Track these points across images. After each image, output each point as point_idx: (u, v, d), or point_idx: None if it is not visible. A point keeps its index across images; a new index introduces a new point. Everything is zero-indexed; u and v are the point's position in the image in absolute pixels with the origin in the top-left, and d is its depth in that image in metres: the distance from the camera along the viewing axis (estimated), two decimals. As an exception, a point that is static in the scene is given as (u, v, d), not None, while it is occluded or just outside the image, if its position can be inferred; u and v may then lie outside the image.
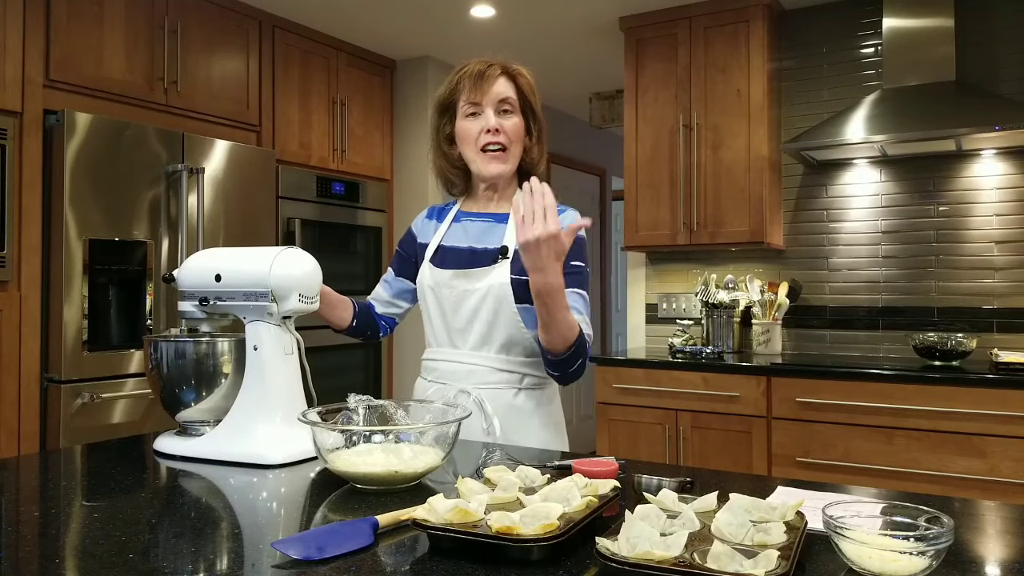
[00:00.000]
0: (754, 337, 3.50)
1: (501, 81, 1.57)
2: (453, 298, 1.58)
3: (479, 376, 1.57)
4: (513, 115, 1.58)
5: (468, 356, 1.58)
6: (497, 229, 1.62)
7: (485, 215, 1.65)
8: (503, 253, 1.56)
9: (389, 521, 0.94)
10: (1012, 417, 2.58)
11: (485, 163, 1.58)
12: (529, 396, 1.58)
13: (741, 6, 3.36)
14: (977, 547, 0.90)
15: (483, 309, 1.55)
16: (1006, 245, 3.16)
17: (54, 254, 2.74)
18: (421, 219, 1.77)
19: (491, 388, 1.57)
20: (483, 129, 1.56)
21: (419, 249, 1.72)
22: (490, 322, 1.55)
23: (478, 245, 1.61)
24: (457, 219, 1.69)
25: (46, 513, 1.02)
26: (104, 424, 2.81)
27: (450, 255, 1.63)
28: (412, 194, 4.31)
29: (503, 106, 1.57)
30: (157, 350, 1.41)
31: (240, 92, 3.46)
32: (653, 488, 1.06)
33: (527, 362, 1.58)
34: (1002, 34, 3.19)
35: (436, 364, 1.63)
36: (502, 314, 1.54)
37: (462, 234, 1.65)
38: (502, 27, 3.85)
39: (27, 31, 2.71)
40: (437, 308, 1.62)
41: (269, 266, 1.35)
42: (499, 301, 1.53)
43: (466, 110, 1.58)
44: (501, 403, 1.56)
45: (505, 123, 1.57)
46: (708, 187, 3.43)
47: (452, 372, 1.60)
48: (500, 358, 1.56)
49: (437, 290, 1.60)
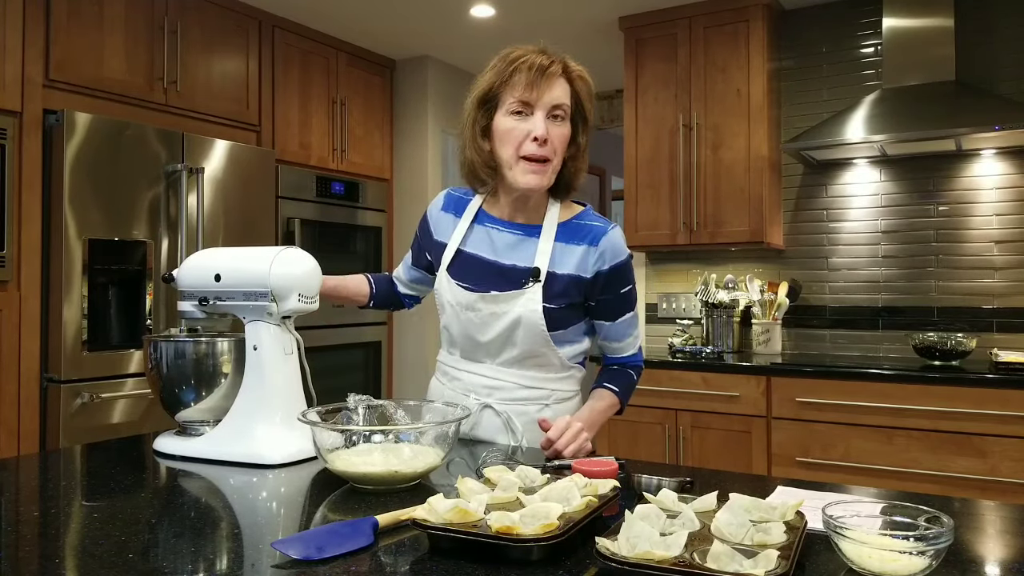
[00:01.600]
0: (754, 337, 3.50)
1: (559, 83, 1.39)
2: (478, 320, 1.46)
3: (505, 392, 1.48)
4: (564, 123, 1.40)
5: (494, 371, 1.49)
6: (527, 244, 1.46)
7: (513, 226, 1.48)
8: (535, 276, 1.41)
9: (389, 521, 0.94)
10: (1012, 417, 2.58)
11: (523, 174, 1.39)
12: (556, 411, 1.50)
13: (741, 6, 3.36)
14: (977, 547, 0.90)
15: (513, 335, 1.44)
16: (1006, 245, 3.16)
17: (54, 254, 2.74)
18: (437, 210, 1.59)
19: (518, 404, 1.48)
20: (530, 135, 1.37)
21: (435, 247, 1.57)
22: (519, 346, 1.45)
23: (506, 261, 1.46)
24: (480, 221, 1.52)
25: (46, 513, 1.02)
26: (104, 424, 2.81)
27: (473, 268, 1.48)
28: (412, 194, 4.31)
29: (556, 111, 1.38)
30: (157, 350, 1.41)
31: (240, 92, 3.46)
32: (653, 488, 1.06)
33: (555, 378, 1.50)
34: (1002, 34, 3.18)
35: (459, 373, 1.53)
36: (533, 340, 1.43)
37: (486, 243, 1.49)
38: (502, 27, 3.85)
39: (27, 31, 2.71)
40: (458, 325, 1.50)
41: (269, 266, 1.35)
42: (529, 328, 1.42)
43: (513, 107, 1.38)
44: (528, 419, 1.48)
45: (554, 132, 1.38)
46: (708, 187, 3.43)
47: (474, 385, 1.51)
48: (527, 375, 1.48)
49: (459, 310, 1.48)
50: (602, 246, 1.43)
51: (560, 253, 1.44)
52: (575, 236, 1.45)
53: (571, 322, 1.46)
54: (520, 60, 1.38)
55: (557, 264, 1.43)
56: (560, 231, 1.45)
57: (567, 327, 1.45)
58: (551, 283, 1.42)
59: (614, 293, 1.47)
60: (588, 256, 1.43)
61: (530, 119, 1.38)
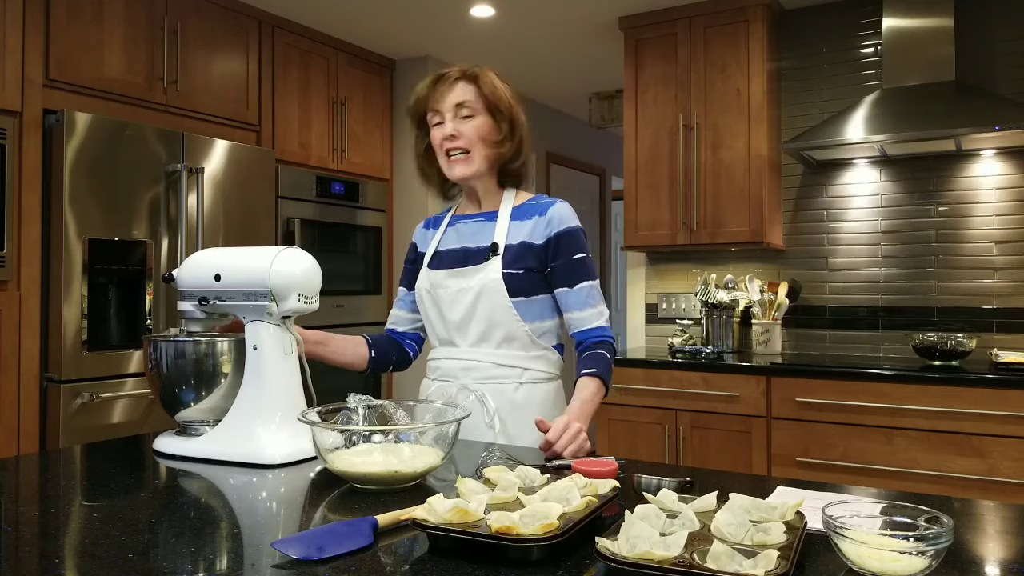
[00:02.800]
0: (754, 337, 3.50)
1: (458, 87, 1.59)
2: (448, 297, 1.61)
3: (479, 372, 1.59)
4: (473, 118, 1.60)
5: (468, 352, 1.60)
6: (487, 227, 1.65)
7: (476, 215, 1.69)
8: (494, 250, 1.59)
9: (389, 521, 0.94)
10: (1012, 417, 2.58)
11: (449, 167, 1.62)
12: (531, 391, 1.59)
13: (741, 6, 3.36)
14: (977, 547, 0.90)
15: (479, 305, 1.57)
16: (1006, 245, 3.16)
17: (54, 254, 2.74)
18: (419, 231, 1.81)
19: (492, 383, 1.58)
20: (444, 136, 1.60)
21: (420, 258, 1.75)
22: (487, 317, 1.57)
23: (471, 244, 1.64)
24: (451, 224, 1.73)
25: (46, 513, 1.02)
26: (104, 424, 2.81)
27: (445, 257, 1.67)
28: (412, 194, 4.31)
29: (461, 111, 1.59)
30: (157, 350, 1.41)
31: (240, 92, 3.46)
32: (653, 488, 1.06)
33: (527, 356, 1.59)
34: (1002, 34, 3.19)
35: (438, 363, 1.66)
36: (498, 309, 1.57)
37: (455, 236, 1.69)
38: (502, 27, 3.85)
39: (27, 31, 2.71)
40: (435, 308, 1.65)
41: (268, 266, 1.35)
42: (493, 296, 1.56)
43: (431, 119, 1.63)
44: (503, 398, 1.57)
45: (463, 127, 1.59)
46: (708, 187, 3.43)
47: (453, 369, 1.62)
48: (499, 353, 1.58)
49: (433, 291, 1.64)
50: (549, 215, 1.61)
51: (514, 229, 1.62)
52: (527, 213, 1.64)
53: (531, 290, 1.58)
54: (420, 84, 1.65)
55: (511, 237, 1.61)
56: (514, 212, 1.65)
57: (528, 295, 1.58)
58: (507, 253, 1.59)
59: (567, 258, 1.59)
60: (537, 226, 1.60)
61: (443, 124, 1.61)
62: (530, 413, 1.57)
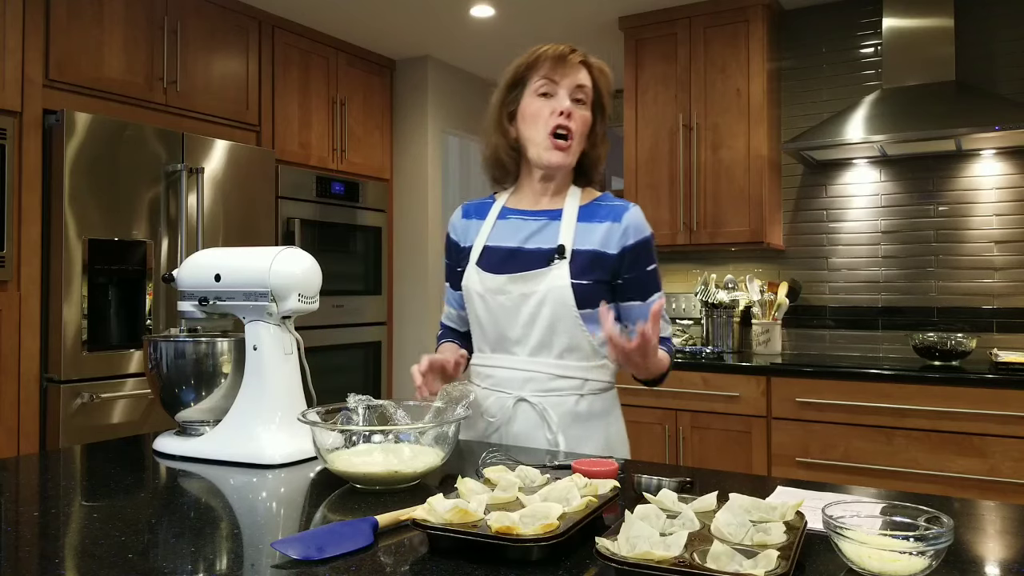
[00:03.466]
0: (754, 337, 3.50)
1: (581, 69, 1.49)
2: (509, 303, 1.47)
3: (538, 383, 1.47)
4: (585, 107, 1.49)
5: (525, 363, 1.48)
6: (550, 228, 1.50)
7: (536, 213, 1.53)
8: (560, 253, 1.45)
9: (389, 521, 0.94)
10: (1012, 417, 2.58)
11: (548, 149, 1.47)
12: (592, 402, 1.49)
13: (741, 6, 3.36)
14: (977, 547, 0.90)
15: (541, 315, 1.45)
16: (1006, 245, 3.16)
17: (54, 254, 2.74)
18: (458, 221, 1.63)
19: (552, 396, 1.47)
20: (555, 111, 1.46)
21: (463, 253, 1.58)
22: (549, 328, 1.45)
23: (530, 245, 1.49)
24: (503, 216, 1.56)
25: (46, 513, 1.02)
26: (104, 424, 2.81)
27: (498, 256, 1.51)
28: (412, 194, 4.31)
29: (578, 93, 1.48)
30: (157, 350, 1.41)
31: (240, 92, 3.46)
32: (653, 488, 1.06)
33: (588, 367, 1.48)
34: (1002, 34, 3.18)
35: (491, 371, 1.52)
36: (562, 319, 1.44)
37: (511, 234, 1.52)
38: (502, 27, 3.85)
39: (27, 31, 2.70)
40: (488, 314, 1.50)
41: (268, 266, 1.35)
42: (559, 306, 1.43)
43: (540, 87, 1.47)
44: (563, 411, 1.47)
45: (576, 112, 1.47)
46: (708, 187, 3.43)
47: (509, 379, 1.49)
48: (560, 364, 1.47)
49: (488, 296, 1.49)
50: (625, 222, 1.48)
51: (582, 232, 1.48)
52: (596, 215, 1.50)
53: (598, 301, 1.45)
54: (544, 48, 1.49)
55: (580, 242, 1.47)
56: (581, 212, 1.51)
57: (595, 306, 1.45)
58: (575, 260, 1.45)
59: (641, 270, 1.49)
60: (611, 233, 1.47)
61: (555, 98, 1.47)
62: (591, 425, 1.49)
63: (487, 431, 1.53)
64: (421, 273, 4.27)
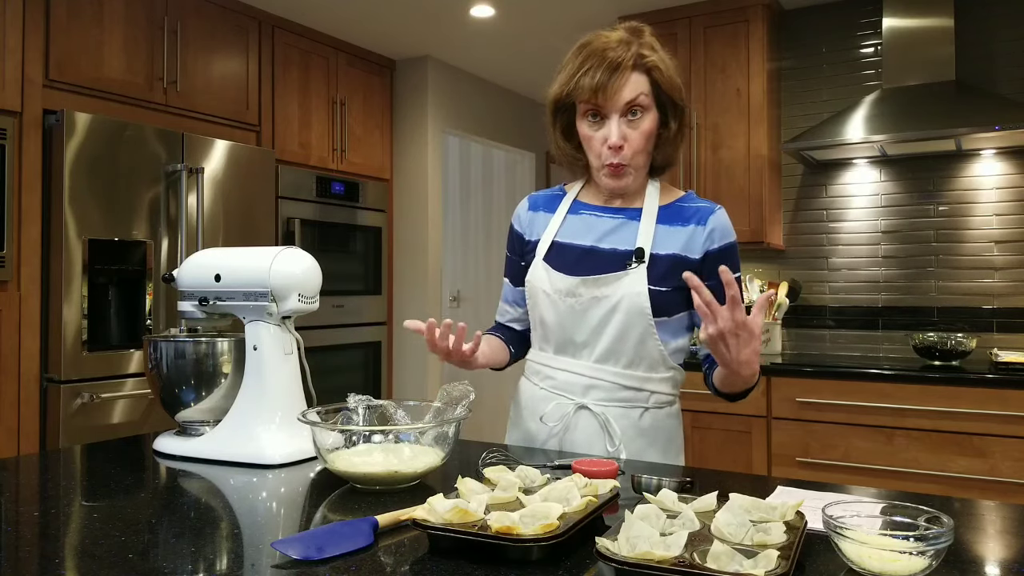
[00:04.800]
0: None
1: (632, 78, 1.33)
2: (578, 307, 1.38)
3: (603, 392, 1.39)
4: (644, 117, 1.35)
5: (590, 369, 1.39)
6: (627, 228, 1.40)
7: (612, 210, 1.43)
8: (638, 256, 1.35)
9: (389, 521, 0.94)
10: (1012, 417, 2.58)
11: (605, 178, 1.39)
12: (656, 416, 1.41)
13: (741, 6, 3.36)
14: (977, 547, 0.90)
15: (613, 321, 1.36)
16: (1006, 245, 3.16)
17: (54, 254, 2.74)
18: (524, 213, 1.53)
19: (616, 406, 1.39)
20: (605, 141, 1.35)
21: (529, 247, 1.49)
22: (620, 335, 1.36)
23: (605, 245, 1.40)
24: (575, 210, 1.47)
25: (46, 513, 1.02)
26: (104, 424, 2.81)
27: (570, 254, 1.42)
28: (412, 194, 4.31)
29: (631, 107, 1.34)
30: (157, 350, 1.41)
31: (240, 92, 3.46)
32: (653, 488, 1.06)
33: (655, 379, 1.39)
34: (1002, 34, 3.18)
35: (553, 372, 1.43)
36: (636, 327, 1.35)
37: (584, 230, 1.43)
38: (502, 27, 3.85)
39: (27, 31, 2.70)
40: (554, 315, 1.41)
41: (268, 266, 1.35)
42: (633, 314, 1.34)
43: (586, 111, 1.36)
44: (626, 424, 1.39)
45: (632, 133, 1.35)
46: (708, 187, 3.42)
47: (572, 385, 1.41)
48: (627, 374, 1.38)
49: (557, 297, 1.40)
50: (711, 225, 1.39)
51: (662, 235, 1.39)
52: (679, 218, 1.41)
53: (675, 309, 1.37)
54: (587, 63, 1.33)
55: (659, 246, 1.38)
56: (662, 214, 1.41)
57: (671, 315, 1.37)
58: (654, 265, 1.36)
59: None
60: (695, 236, 1.38)
61: (606, 124, 1.35)
62: (655, 439, 1.41)
63: (544, 436, 1.44)
64: (421, 273, 4.27)
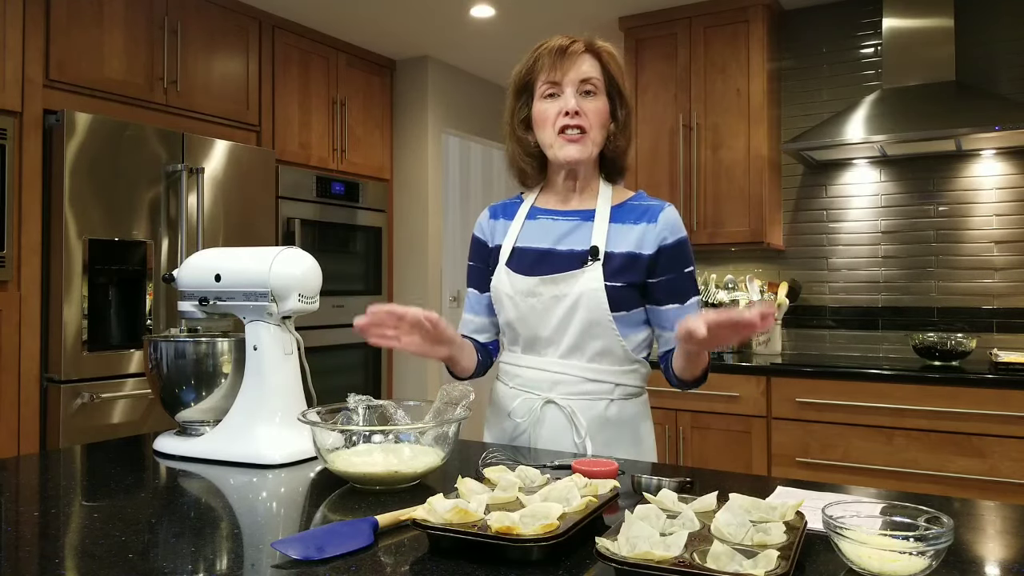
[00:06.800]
0: (754, 337, 3.50)
1: (585, 59, 1.43)
2: (540, 306, 1.43)
3: (568, 386, 1.44)
4: (597, 97, 1.43)
5: (555, 364, 1.45)
6: (582, 229, 1.46)
7: (568, 212, 1.49)
8: (593, 254, 1.41)
9: (389, 521, 0.94)
10: (1012, 417, 2.58)
11: (561, 147, 1.43)
12: (622, 407, 1.46)
13: (741, 6, 3.36)
14: (977, 547, 0.90)
15: (574, 318, 1.41)
16: (1006, 245, 3.16)
17: (54, 254, 2.74)
18: (486, 222, 1.59)
19: (582, 399, 1.44)
20: (561, 111, 1.41)
21: (492, 254, 1.54)
22: (582, 330, 1.42)
23: (562, 247, 1.46)
24: (532, 216, 1.53)
25: (46, 513, 1.02)
26: (104, 424, 2.81)
27: (529, 257, 1.47)
28: (412, 194, 4.31)
29: (585, 87, 1.42)
30: (157, 350, 1.41)
31: (240, 92, 3.46)
32: (653, 488, 1.06)
33: (619, 371, 1.45)
34: (1002, 34, 3.18)
35: (520, 371, 1.49)
36: (596, 322, 1.41)
37: (541, 233, 1.49)
38: (502, 27, 3.85)
39: (27, 31, 2.71)
40: (518, 315, 1.46)
41: (269, 266, 1.35)
42: (592, 309, 1.40)
43: (544, 90, 1.44)
44: (592, 415, 1.44)
45: (587, 105, 1.42)
46: (708, 187, 3.43)
47: (538, 381, 1.46)
48: (591, 367, 1.44)
49: (519, 299, 1.45)
50: (661, 221, 1.44)
51: (616, 233, 1.44)
52: (631, 216, 1.46)
53: (633, 304, 1.43)
54: (543, 46, 1.45)
55: (613, 244, 1.43)
56: (614, 213, 1.47)
57: (629, 309, 1.43)
58: (609, 262, 1.42)
59: (678, 271, 1.44)
60: (647, 233, 1.44)
61: (561, 98, 1.42)
62: (621, 430, 1.46)
63: (514, 433, 1.49)
64: (421, 273, 4.27)
